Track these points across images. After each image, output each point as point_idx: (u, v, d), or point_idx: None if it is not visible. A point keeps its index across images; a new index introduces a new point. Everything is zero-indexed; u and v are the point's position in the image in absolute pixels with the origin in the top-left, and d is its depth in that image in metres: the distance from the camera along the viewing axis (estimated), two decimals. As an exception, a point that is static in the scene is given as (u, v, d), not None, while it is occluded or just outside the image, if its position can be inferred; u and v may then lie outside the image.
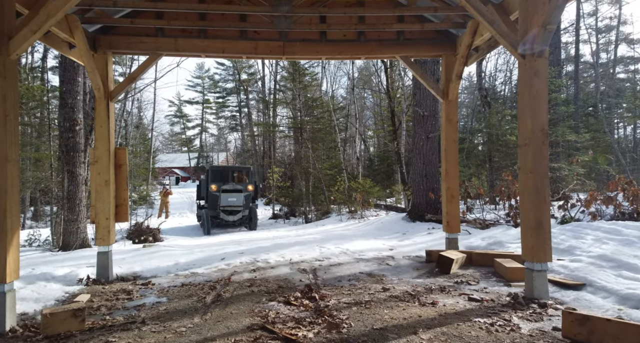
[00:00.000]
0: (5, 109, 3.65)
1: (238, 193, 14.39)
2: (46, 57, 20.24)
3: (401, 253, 7.02)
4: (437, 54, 6.50)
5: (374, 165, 28.61)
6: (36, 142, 14.19)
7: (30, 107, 13.07)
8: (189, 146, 62.43)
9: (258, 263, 6.49)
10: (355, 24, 6.10)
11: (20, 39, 3.70)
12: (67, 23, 4.89)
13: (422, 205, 10.26)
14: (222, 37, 6.03)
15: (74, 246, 8.29)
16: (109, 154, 5.71)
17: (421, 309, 3.96)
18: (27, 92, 11.27)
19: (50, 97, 13.56)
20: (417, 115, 10.59)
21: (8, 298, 3.67)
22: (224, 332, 3.48)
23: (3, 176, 3.63)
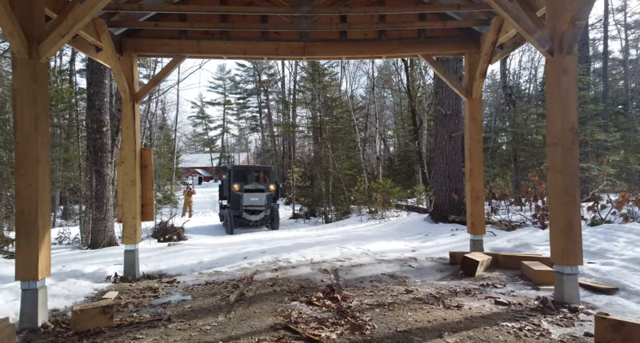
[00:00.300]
0: (36, 111, 3.77)
1: (260, 193, 14.43)
2: (74, 60, 20.92)
3: (424, 254, 6.93)
4: (460, 51, 6.38)
5: (394, 165, 28.36)
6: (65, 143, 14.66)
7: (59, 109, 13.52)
8: (211, 146, 63.33)
9: (280, 262, 6.52)
10: (376, 23, 6.05)
11: (49, 43, 3.82)
12: (94, 27, 5.03)
13: (445, 205, 10.10)
14: (243, 38, 6.08)
15: (102, 244, 8.52)
16: (135, 154, 5.84)
17: (446, 312, 3.89)
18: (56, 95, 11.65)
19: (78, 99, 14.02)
20: (439, 114, 10.43)
21: (40, 294, 3.80)
22: (247, 331, 3.50)
23: (34, 176, 3.75)
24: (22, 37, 3.66)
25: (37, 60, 3.78)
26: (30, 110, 3.74)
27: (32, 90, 3.75)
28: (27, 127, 3.73)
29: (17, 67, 3.75)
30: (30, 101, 3.73)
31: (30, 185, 3.73)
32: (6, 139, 7.86)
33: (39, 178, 3.77)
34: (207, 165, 60.78)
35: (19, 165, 3.76)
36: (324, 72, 24.61)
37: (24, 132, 3.74)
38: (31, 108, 3.74)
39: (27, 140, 3.73)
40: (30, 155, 3.74)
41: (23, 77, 3.73)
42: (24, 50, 3.69)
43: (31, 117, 3.74)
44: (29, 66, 3.74)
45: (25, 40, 3.69)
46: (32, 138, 3.74)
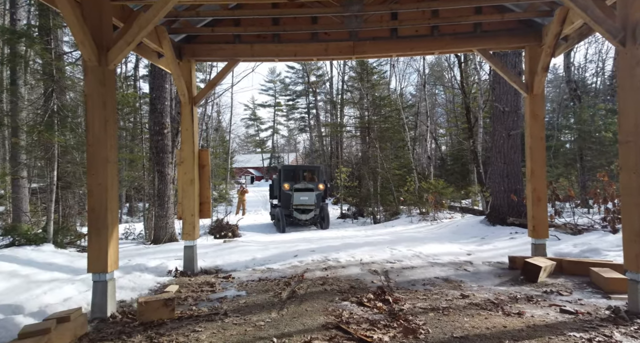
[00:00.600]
0: (105, 114, 4.06)
1: (309, 192, 14.46)
2: (138, 66, 22.33)
3: (480, 258, 6.64)
4: (520, 45, 6.05)
5: (447, 165, 27.49)
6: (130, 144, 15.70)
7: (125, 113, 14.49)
8: (262, 147, 65.01)
9: (329, 262, 6.55)
10: (428, 18, 5.88)
11: (116, 51, 4.09)
12: (156, 34, 5.33)
13: (503, 207, 9.62)
14: (294, 40, 6.17)
15: (164, 240, 9.03)
16: (194, 155, 6.12)
17: (506, 319, 3.70)
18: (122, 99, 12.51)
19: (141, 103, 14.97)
20: (496, 111, 9.96)
21: (109, 286, 4.08)
22: (300, 328, 3.54)
23: (104, 176, 4.04)
24: (92, 46, 3.95)
25: (106, 67, 4.07)
26: (100, 114, 4.02)
27: (102, 95, 4.04)
28: (97, 129, 4.03)
29: (88, 74, 4.05)
30: (100, 105, 4.02)
31: (100, 184, 4.02)
32: (79, 141, 8.59)
33: (108, 178, 4.05)
34: (258, 165, 62.44)
35: (90, 166, 4.06)
36: (373, 71, 24.34)
37: (94, 134, 4.04)
38: (101, 111, 4.02)
39: (97, 142, 4.02)
40: (100, 156, 4.03)
41: (93, 83, 4.03)
42: (94, 58, 3.98)
43: (101, 120, 4.02)
44: (99, 72, 4.03)
45: (95, 49, 3.98)
46: (101, 140, 4.03)
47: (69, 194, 9.50)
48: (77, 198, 10.45)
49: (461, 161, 24.41)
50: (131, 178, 12.97)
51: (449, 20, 5.82)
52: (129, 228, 11.36)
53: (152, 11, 4.05)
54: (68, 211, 9.37)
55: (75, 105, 9.70)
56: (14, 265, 5.06)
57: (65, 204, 9.08)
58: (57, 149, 7.30)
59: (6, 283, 4.46)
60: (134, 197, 19.02)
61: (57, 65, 7.53)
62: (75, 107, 9.42)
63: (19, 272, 4.88)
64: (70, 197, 9.57)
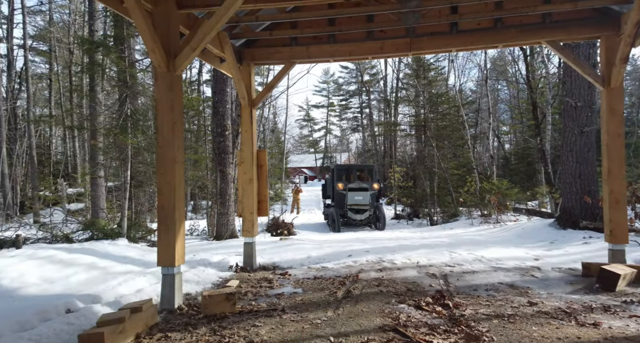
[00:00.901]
0: (173, 117, 4.31)
1: (364, 191, 14.13)
2: (201, 71, 23.51)
3: (549, 264, 6.21)
4: (594, 35, 5.58)
5: (511, 164, 26.04)
6: (195, 145, 16.58)
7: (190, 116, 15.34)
8: (315, 147, 65.73)
9: (384, 263, 6.46)
10: (491, 10, 5.60)
11: (183, 57, 4.33)
12: (218, 40, 5.57)
13: (575, 210, 8.92)
14: (349, 40, 6.16)
15: (225, 236, 9.45)
16: (252, 155, 6.32)
17: (579, 330, 3.43)
18: (188, 103, 13.25)
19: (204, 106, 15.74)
20: (567, 106, 9.25)
21: (177, 279, 4.33)
22: (356, 329, 3.53)
23: (172, 175, 4.29)
24: (161, 53, 4.21)
25: (174, 73, 4.32)
26: (168, 117, 4.28)
27: (170, 100, 4.29)
28: (166, 132, 4.29)
29: (158, 79, 4.33)
30: (169, 109, 4.28)
31: (168, 183, 4.28)
32: (149, 142, 9.23)
33: (176, 177, 4.30)
34: (311, 165, 63.20)
35: (159, 165, 4.33)
36: (430, 67, 23.58)
37: (163, 136, 4.30)
38: (169, 115, 4.28)
39: (166, 143, 4.28)
40: (169, 157, 4.28)
41: (162, 88, 4.30)
42: (163, 64, 4.25)
43: (169, 123, 4.28)
44: (167, 78, 4.29)
45: (164, 55, 4.24)
46: (170, 141, 4.28)
47: (141, 192, 10.24)
48: (148, 196, 11.22)
49: (527, 160, 22.98)
50: (195, 177, 13.71)
51: (514, 12, 5.50)
52: (193, 225, 12.00)
53: (215, 18, 4.24)
54: (139, 208, 10.09)
55: (145, 109, 10.44)
56: (93, 257, 5.54)
57: (137, 202, 9.79)
58: (130, 150, 7.93)
59: (86, 275, 4.89)
60: (198, 195, 20.03)
61: (131, 72, 8.18)
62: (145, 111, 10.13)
63: (98, 264, 5.34)
64: (142, 195, 10.31)
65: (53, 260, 5.02)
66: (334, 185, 15.30)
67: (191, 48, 4.30)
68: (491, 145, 21.20)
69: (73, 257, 5.33)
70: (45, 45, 27.00)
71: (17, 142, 20.85)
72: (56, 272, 4.70)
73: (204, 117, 14.61)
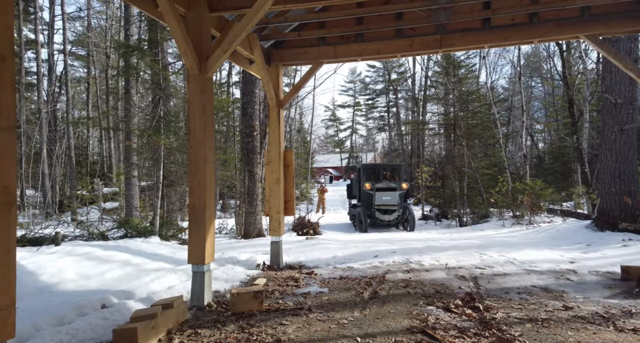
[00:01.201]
0: (205, 118, 4.40)
1: (392, 191, 13.68)
2: (231, 73, 23.94)
3: (585, 267, 5.97)
4: (637, 28, 5.31)
5: (545, 164, 25.14)
6: (224, 146, 16.89)
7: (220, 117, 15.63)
8: (341, 147, 65.62)
9: (411, 264, 6.38)
10: (527, 5, 5.41)
11: (214, 59, 4.42)
12: (248, 42, 5.65)
13: (614, 211, 8.51)
14: (377, 38, 6.12)
15: (252, 235, 9.58)
16: (280, 155, 6.38)
17: (618, 335, 3.28)
18: (217, 104, 13.52)
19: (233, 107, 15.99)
20: (606, 103, 8.84)
21: (206, 277, 4.42)
22: (383, 330, 3.51)
23: (203, 175, 4.38)
24: (194, 56, 4.31)
25: (205, 75, 4.41)
26: (200, 118, 4.38)
27: (202, 101, 4.38)
28: (197, 132, 4.38)
29: (190, 82, 4.43)
30: (200, 110, 4.37)
31: (200, 183, 4.37)
32: (181, 143, 9.48)
33: (207, 177, 4.39)
34: (337, 165, 63.14)
35: (191, 165, 4.44)
36: (460, 64, 23.06)
37: (195, 137, 4.40)
38: (201, 116, 4.37)
39: (197, 143, 4.38)
40: (200, 157, 4.38)
41: (194, 90, 4.40)
42: (196, 67, 4.34)
43: (201, 124, 4.37)
44: (199, 80, 4.38)
45: (197, 58, 4.33)
46: (201, 142, 4.37)
47: (172, 192, 10.53)
48: (178, 195, 11.52)
49: (562, 159, 22.12)
50: (224, 177, 13.96)
51: (551, 6, 5.30)
52: (222, 224, 12.23)
53: (245, 19, 4.30)
54: (171, 207, 10.38)
55: (177, 111, 10.73)
56: (127, 255, 5.74)
57: (169, 200, 10.08)
58: (162, 150, 8.18)
59: (121, 271, 5.07)
60: (227, 194, 20.39)
61: (164, 75, 8.43)
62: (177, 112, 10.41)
63: (131, 261, 5.52)
64: (173, 194, 10.60)
65: (89, 256, 5.24)
66: (361, 185, 14.93)
67: (222, 50, 4.37)
68: (524, 144, 20.48)
69: (108, 254, 5.54)
70: (84, 50, 28.21)
71: (57, 143, 21.85)
72: (92, 268, 4.89)
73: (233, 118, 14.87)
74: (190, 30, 4.33)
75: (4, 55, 2.40)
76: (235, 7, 4.51)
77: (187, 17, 4.39)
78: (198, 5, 4.34)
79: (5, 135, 2.41)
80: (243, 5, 4.44)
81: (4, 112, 2.41)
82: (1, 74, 2.38)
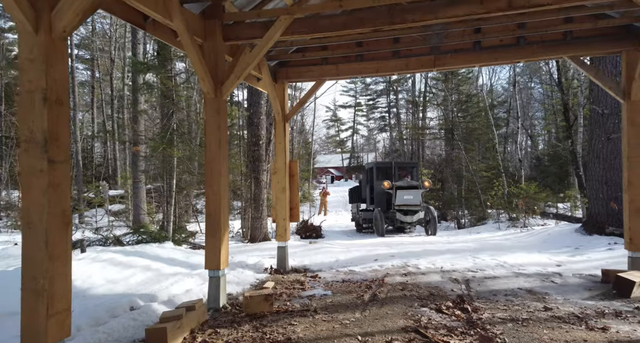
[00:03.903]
0: (219, 136, 4.85)
1: (414, 190, 12.52)
2: (237, 84, 24.33)
3: (571, 270, 6.41)
4: (615, 50, 5.77)
5: (543, 165, 25.57)
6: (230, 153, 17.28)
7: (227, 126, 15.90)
8: (342, 147, 66.13)
9: (409, 267, 6.82)
10: (513, 30, 5.86)
11: (229, 84, 4.86)
12: (256, 63, 6.10)
13: (602, 216, 8.98)
14: (376, 58, 6.58)
15: (259, 239, 10.08)
16: (285, 166, 6.85)
17: (588, 333, 3.73)
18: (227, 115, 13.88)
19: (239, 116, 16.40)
20: (594, 113, 9.30)
21: (221, 281, 4.88)
22: (381, 329, 3.97)
23: (218, 186, 4.82)
24: (210, 81, 4.76)
25: (220, 98, 4.86)
26: (215, 136, 4.83)
27: (217, 121, 4.83)
28: (213, 149, 4.83)
29: (207, 104, 4.90)
30: (216, 129, 4.82)
31: (215, 193, 4.82)
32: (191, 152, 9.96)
33: (221, 188, 4.84)
34: (338, 165, 63.62)
35: (207, 178, 4.89)
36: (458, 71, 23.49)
37: (211, 152, 4.86)
38: (216, 134, 4.82)
39: (213, 158, 4.82)
40: (216, 170, 4.83)
41: (210, 111, 4.86)
42: (212, 91, 4.79)
43: (216, 142, 4.82)
44: (215, 103, 4.83)
45: (213, 84, 4.78)
46: (216, 157, 4.82)
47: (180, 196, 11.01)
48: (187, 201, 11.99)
49: (559, 162, 22.55)
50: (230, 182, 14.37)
51: (536, 31, 5.75)
52: (228, 227, 12.69)
53: (256, 49, 4.77)
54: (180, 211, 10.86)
55: (189, 123, 11.19)
56: (146, 260, 6.21)
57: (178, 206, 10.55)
58: (175, 161, 8.67)
59: (143, 276, 5.54)
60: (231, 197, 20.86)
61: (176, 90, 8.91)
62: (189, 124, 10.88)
63: (151, 266, 5.99)
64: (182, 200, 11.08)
65: (114, 262, 5.70)
66: (373, 186, 13.79)
67: (235, 76, 4.83)
68: (519, 149, 20.89)
69: (130, 260, 6.00)
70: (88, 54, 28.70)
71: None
72: (117, 273, 5.36)
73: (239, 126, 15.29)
74: (206, 58, 4.78)
75: (62, 100, 2.88)
76: (247, 38, 4.97)
77: (204, 46, 4.84)
78: (214, 36, 4.80)
79: (63, 167, 2.88)
80: (254, 36, 4.90)
81: (63, 147, 2.88)
82: (60, 116, 2.85)
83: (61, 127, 2.84)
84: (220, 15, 4.76)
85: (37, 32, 2.73)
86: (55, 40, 2.80)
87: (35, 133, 2.74)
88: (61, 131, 2.84)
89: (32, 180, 2.74)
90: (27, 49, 2.75)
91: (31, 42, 2.74)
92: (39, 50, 2.73)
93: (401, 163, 16.15)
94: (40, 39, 2.74)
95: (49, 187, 2.74)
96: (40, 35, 2.74)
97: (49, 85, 2.75)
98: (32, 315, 2.76)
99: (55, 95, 2.79)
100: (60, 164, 2.83)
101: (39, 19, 2.73)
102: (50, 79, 2.77)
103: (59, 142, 2.82)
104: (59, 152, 2.82)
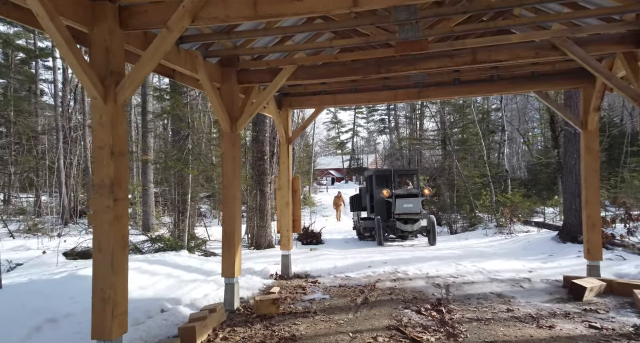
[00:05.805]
0: (234, 165, 5.75)
1: (414, 198, 12.34)
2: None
3: (540, 276, 7.20)
4: (575, 86, 6.67)
5: (535, 170, 26.45)
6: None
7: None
8: (342, 149, 67.11)
9: (398, 273, 7.69)
10: (488, 69, 6.73)
11: (242, 121, 5.75)
12: (263, 96, 7.01)
13: (575, 225, 9.87)
14: (368, 90, 7.47)
15: (264, 246, 10.99)
16: (288, 183, 7.74)
17: (536, 331, 4.61)
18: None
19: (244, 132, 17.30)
20: (567, 132, 10.22)
21: (235, 287, 5.76)
22: (369, 328, 4.86)
23: (232, 208, 5.71)
24: (227, 118, 5.65)
25: (235, 132, 5.75)
26: (231, 165, 5.72)
27: (232, 152, 5.73)
28: (229, 176, 5.73)
29: (224, 138, 5.79)
30: (231, 159, 5.72)
31: (230, 215, 5.72)
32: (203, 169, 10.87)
33: (235, 210, 5.74)
34: (339, 167, 64.58)
35: (224, 201, 5.78)
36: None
37: (227, 179, 5.75)
38: (232, 164, 5.72)
39: (229, 185, 5.72)
40: (231, 195, 5.72)
41: (227, 144, 5.75)
42: (228, 127, 5.69)
43: (231, 170, 5.72)
44: (231, 137, 5.73)
45: (229, 121, 5.67)
46: (232, 183, 5.71)
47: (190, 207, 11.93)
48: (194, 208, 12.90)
49: (550, 168, 23.47)
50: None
51: (507, 70, 6.59)
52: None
53: (266, 91, 5.69)
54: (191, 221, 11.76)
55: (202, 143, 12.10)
56: (168, 268, 7.08)
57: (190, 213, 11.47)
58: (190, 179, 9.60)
59: (167, 282, 6.43)
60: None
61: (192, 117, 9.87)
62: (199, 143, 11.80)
63: (172, 273, 6.87)
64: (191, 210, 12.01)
65: (141, 270, 6.56)
66: (373, 194, 13.70)
67: (248, 114, 5.73)
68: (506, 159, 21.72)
69: (154, 268, 6.87)
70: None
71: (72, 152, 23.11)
72: (146, 280, 6.23)
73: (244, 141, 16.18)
74: (223, 98, 5.68)
75: (122, 152, 3.76)
76: (258, 81, 5.87)
77: (221, 88, 5.74)
78: (230, 80, 5.69)
79: (123, 203, 3.76)
80: (264, 80, 5.80)
81: (123, 187, 3.76)
82: (122, 164, 3.73)
83: (122, 173, 3.72)
84: (236, 64, 5.66)
85: (105, 103, 3.61)
86: (118, 108, 3.69)
87: (104, 179, 3.62)
88: (122, 176, 3.72)
89: (102, 216, 3.62)
90: (98, 115, 3.63)
91: (101, 110, 3.62)
92: (107, 117, 3.61)
93: (400, 170, 16.10)
94: (108, 108, 3.62)
95: (114, 219, 3.62)
96: (108, 105, 3.62)
97: (115, 142, 3.64)
98: (101, 317, 3.62)
99: (118, 149, 3.68)
100: (121, 201, 3.71)
101: (107, 94, 3.61)
102: (115, 137, 3.65)
103: (121, 184, 3.70)
104: (120, 191, 3.70)
